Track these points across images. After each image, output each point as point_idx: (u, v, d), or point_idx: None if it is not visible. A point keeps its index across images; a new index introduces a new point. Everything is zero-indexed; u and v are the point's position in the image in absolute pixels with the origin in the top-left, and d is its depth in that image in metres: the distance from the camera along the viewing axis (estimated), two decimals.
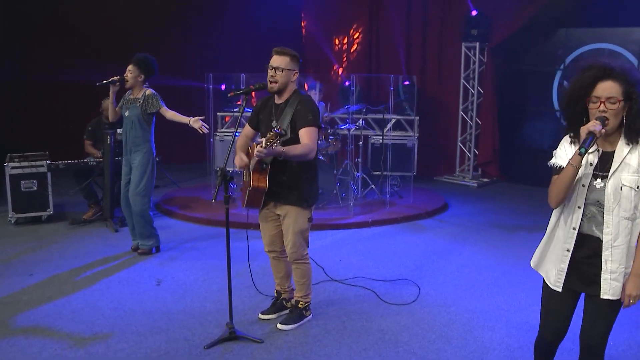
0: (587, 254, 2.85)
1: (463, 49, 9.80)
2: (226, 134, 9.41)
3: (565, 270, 2.89)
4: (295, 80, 4.27)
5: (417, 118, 9.26)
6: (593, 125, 2.63)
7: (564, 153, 2.85)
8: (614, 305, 2.86)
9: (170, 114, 5.86)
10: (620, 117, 2.71)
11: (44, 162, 7.01)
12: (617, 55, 8.70)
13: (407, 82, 9.50)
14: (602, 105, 2.66)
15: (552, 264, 2.98)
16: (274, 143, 3.75)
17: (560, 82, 9.34)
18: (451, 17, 10.00)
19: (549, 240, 3.01)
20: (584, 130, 2.65)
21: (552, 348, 3.24)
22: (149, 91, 5.84)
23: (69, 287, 5.22)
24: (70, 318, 4.60)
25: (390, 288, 5.32)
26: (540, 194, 9.16)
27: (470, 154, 10.13)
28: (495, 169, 10.04)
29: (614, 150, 2.77)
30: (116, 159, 6.84)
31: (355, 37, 10.68)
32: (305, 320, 4.57)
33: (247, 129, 4.54)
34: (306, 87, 8.27)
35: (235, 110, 9.16)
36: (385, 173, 8.32)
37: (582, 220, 2.83)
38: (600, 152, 2.80)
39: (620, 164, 2.73)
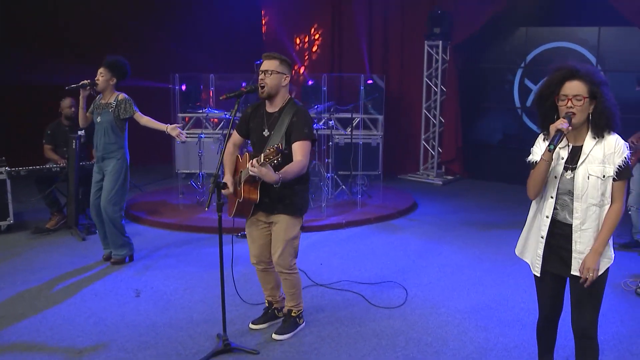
0: (561, 239, 3.10)
1: (426, 47, 9.86)
2: (187, 135, 9.16)
3: (541, 256, 3.16)
4: (287, 86, 4.13)
5: (382, 117, 9.27)
6: (560, 123, 2.89)
7: (538, 149, 3.12)
8: (594, 292, 3.08)
9: (145, 120, 5.63)
10: (587, 114, 2.97)
11: (2, 169, 6.60)
12: (574, 54, 8.95)
13: (370, 81, 9.48)
14: (569, 102, 2.91)
15: (532, 251, 3.25)
16: (274, 160, 3.58)
17: (522, 79, 9.53)
18: (414, 16, 10.04)
19: (529, 229, 3.28)
20: (552, 128, 2.91)
21: (547, 329, 3.47)
22: (121, 96, 5.58)
23: (42, 302, 4.92)
24: (49, 336, 4.33)
25: (377, 291, 5.26)
26: (504, 190, 9.54)
27: (434, 152, 10.21)
28: (458, 166, 10.16)
29: (582, 145, 3.04)
30: (81, 163, 6.52)
31: (317, 36, 10.58)
32: (299, 328, 4.45)
33: (235, 137, 4.37)
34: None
35: (199, 111, 8.91)
36: (354, 173, 8.28)
37: (556, 209, 3.10)
38: (571, 147, 3.06)
39: (587, 156, 3.00)
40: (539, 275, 3.23)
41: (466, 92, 9.99)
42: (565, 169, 3.04)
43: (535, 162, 3.07)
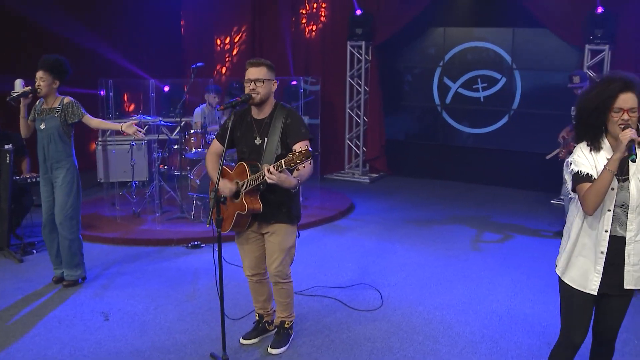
0: (612, 253, 2.97)
1: (348, 47, 10.00)
2: (109, 143, 8.68)
3: (601, 272, 2.97)
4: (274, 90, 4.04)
5: (307, 117, 9.29)
6: (632, 132, 2.81)
7: (585, 160, 2.96)
8: (629, 298, 3.09)
9: (96, 122, 5.29)
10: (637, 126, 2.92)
11: None
12: (490, 53, 9.50)
13: (294, 82, 9.49)
14: (626, 114, 2.86)
15: (581, 269, 3.04)
16: (298, 164, 3.48)
17: (441, 78, 9.95)
18: (335, 17, 10.15)
19: (574, 246, 3.06)
20: (625, 139, 2.80)
21: (575, 353, 3.22)
22: (66, 99, 5.18)
23: (1, 336, 4.46)
24: None
25: (352, 295, 5.29)
26: (430, 186, 9.96)
27: (358, 150, 10.40)
28: (382, 163, 10.43)
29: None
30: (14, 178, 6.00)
31: (237, 38, 10.39)
32: (291, 338, 4.39)
33: (217, 146, 4.20)
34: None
35: (132, 117, 8.41)
36: None
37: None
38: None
39: (636, 167, 2.94)
40: (595, 293, 3.01)
41: (388, 91, 10.27)
42: (617, 180, 2.94)
43: (587, 174, 2.92)
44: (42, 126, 5.11)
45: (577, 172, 2.96)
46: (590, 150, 2.99)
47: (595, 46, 8.02)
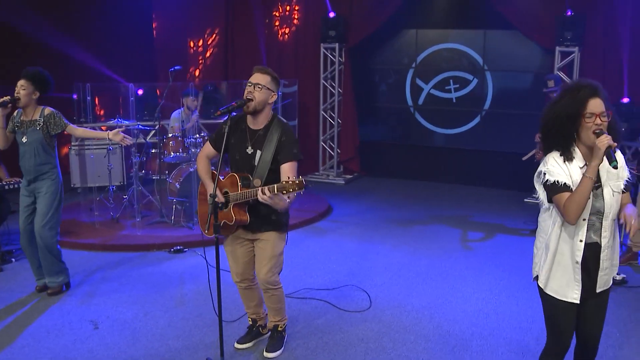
0: (587, 259, 3.00)
1: (322, 50, 10.05)
2: (87, 147, 8.53)
3: (580, 281, 2.99)
4: (272, 104, 4.03)
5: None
6: (608, 139, 2.81)
7: (560, 169, 2.94)
8: (606, 298, 3.15)
9: (81, 132, 5.23)
10: None
11: None
12: (462, 54, 9.68)
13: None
14: (597, 118, 2.87)
15: (560, 279, 3.04)
16: (292, 193, 3.48)
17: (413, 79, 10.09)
18: (308, 20, 10.18)
19: (554, 256, 3.05)
20: (603, 145, 2.79)
21: (565, 354, 3.25)
22: (47, 110, 5.09)
23: None
24: None
25: (340, 296, 5.33)
26: (403, 186, 10.06)
27: (332, 152, 10.46)
28: (356, 164, 10.51)
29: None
30: None
31: (211, 40, 10.33)
32: (285, 341, 4.41)
33: (209, 149, 4.18)
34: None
35: (110, 121, 8.29)
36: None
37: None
38: (587, 165, 2.94)
39: (607, 173, 2.97)
40: (578, 302, 3.03)
41: (361, 93, 10.35)
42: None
43: (563, 183, 2.90)
44: (24, 139, 5.00)
45: (554, 182, 2.93)
46: (565, 160, 2.97)
47: (566, 48, 8.25)
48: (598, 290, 3.06)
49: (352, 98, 10.21)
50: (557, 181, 2.92)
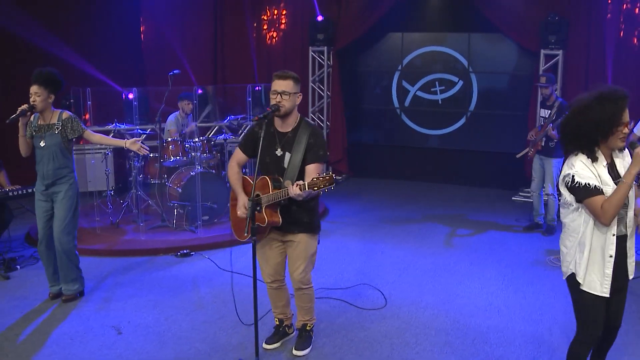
0: (617, 252, 3.16)
1: (310, 53, 10.16)
2: (81, 152, 8.46)
3: (611, 275, 3.16)
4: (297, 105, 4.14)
5: None
6: None
7: (589, 172, 3.11)
8: (626, 286, 3.34)
9: (98, 138, 5.23)
10: None
11: None
12: (447, 57, 9.92)
13: (258, 88, 9.54)
14: (626, 127, 3.09)
15: (594, 273, 3.20)
16: (322, 189, 3.60)
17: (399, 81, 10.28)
18: (296, 23, 10.28)
19: (589, 252, 3.20)
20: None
21: (594, 344, 3.43)
22: (65, 114, 5.08)
23: (14, 357, 4.32)
24: None
25: (355, 295, 5.45)
26: (393, 186, 10.25)
27: None
28: (345, 166, 10.64)
29: (613, 160, 3.24)
30: None
31: (200, 44, 10.33)
32: (312, 340, 4.50)
33: (240, 156, 4.26)
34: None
35: (107, 125, 8.20)
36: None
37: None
38: (607, 163, 3.19)
39: (622, 169, 3.21)
40: (608, 295, 3.19)
41: (349, 95, 10.50)
42: (615, 184, 3.13)
43: (595, 186, 3.06)
44: (42, 144, 4.98)
45: (586, 184, 3.08)
46: (593, 162, 3.14)
47: (550, 51, 8.55)
48: (631, 277, 3.29)
49: (341, 100, 10.35)
50: (588, 184, 3.08)
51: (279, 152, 4.05)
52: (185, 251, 6.47)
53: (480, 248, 6.84)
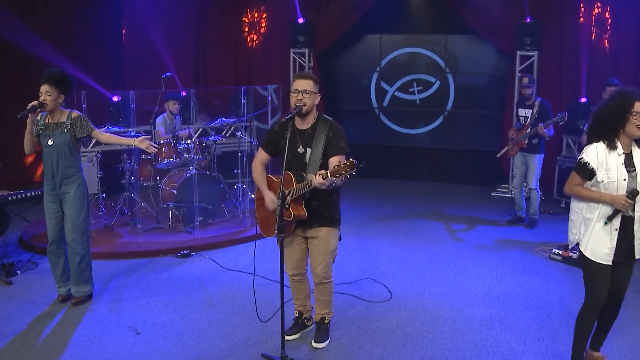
0: (625, 231, 3.71)
1: (292, 55, 10.32)
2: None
3: (615, 247, 3.70)
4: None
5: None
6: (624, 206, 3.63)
7: (595, 156, 3.70)
8: (632, 263, 3.85)
9: (106, 137, 5.26)
10: None
11: None
12: (424, 58, 10.22)
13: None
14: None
15: (599, 244, 3.73)
16: (345, 175, 3.80)
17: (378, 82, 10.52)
18: (277, 25, 10.42)
19: (594, 225, 3.76)
20: (621, 206, 3.63)
21: (596, 313, 3.91)
22: (75, 113, 5.10)
23: None
24: None
25: (361, 289, 5.64)
26: (374, 185, 10.43)
27: None
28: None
29: (631, 152, 3.76)
30: None
31: (181, 46, 10.34)
32: (329, 332, 4.67)
33: (263, 155, 4.41)
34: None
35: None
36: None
37: None
38: (625, 153, 3.72)
39: (639, 160, 3.74)
40: (611, 264, 3.71)
41: (329, 96, 10.69)
42: (627, 172, 3.67)
43: (591, 168, 3.67)
44: (50, 142, 4.98)
45: (586, 163, 3.71)
46: (609, 149, 3.69)
47: (525, 52, 8.94)
48: (637, 256, 3.76)
49: (321, 101, 10.47)
50: (588, 163, 3.71)
51: (300, 149, 4.21)
52: (185, 252, 6.54)
53: (470, 242, 7.12)
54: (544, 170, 7.61)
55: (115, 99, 8.87)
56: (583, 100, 8.51)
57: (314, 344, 4.50)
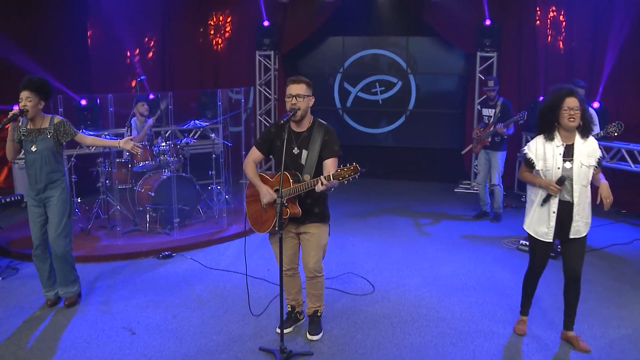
0: (564, 213, 4.29)
1: (257, 57, 10.45)
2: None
3: (554, 227, 4.32)
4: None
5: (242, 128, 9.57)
6: (555, 189, 4.25)
7: (534, 149, 4.36)
8: (582, 243, 4.35)
9: (91, 140, 5.33)
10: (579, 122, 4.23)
11: None
12: (386, 59, 10.53)
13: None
14: (571, 111, 4.15)
15: (540, 224, 4.39)
16: (347, 178, 4.02)
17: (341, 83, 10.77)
18: (242, 28, 10.54)
19: (536, 207, 4.40)
20: (551, 190, 4.28)
21: (536, 280, 4.65)
22: (57, 118, 5.12)
23: None
24: None
25: (344, 283, 5.87)
26: (340, 185, 10.54)
27: None
28: None
29: (573, 143, 4.26)
30: None
31: (148, 51, 10.32)
32: (322, 324, 4.87)
33: (256, 154, 4.58)
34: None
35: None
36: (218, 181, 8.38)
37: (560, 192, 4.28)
38: (564, 144, 4.26)
39: (579, 151, 4.23)
40: (550, 241, 4.36)
41: None
42: (564, 160, 4.23)
43: (530, 159, 4.35)
44: (34, 148, 4.99)
45: (524, 153, 4.43)
46: (546, 141, 4.30)
47: (485, 53, 9.36)
48: (571, 237, 4.31)
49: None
50: (527, 154, 4.40)
51: (295, 151, 4.40)
52: (167, 253, 6.61)
53: (441, 236, 7.45)
54: (505, 166, 8.00)
55: (83, 102, 8.82)
56: (541, 99, 8.96)
57: (309, 337, 4.69)
